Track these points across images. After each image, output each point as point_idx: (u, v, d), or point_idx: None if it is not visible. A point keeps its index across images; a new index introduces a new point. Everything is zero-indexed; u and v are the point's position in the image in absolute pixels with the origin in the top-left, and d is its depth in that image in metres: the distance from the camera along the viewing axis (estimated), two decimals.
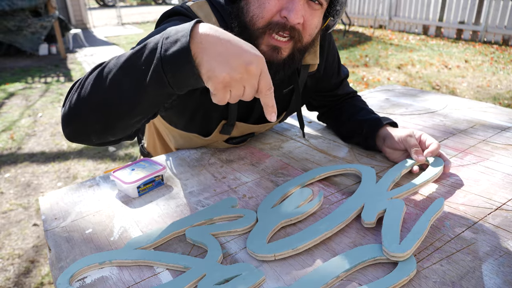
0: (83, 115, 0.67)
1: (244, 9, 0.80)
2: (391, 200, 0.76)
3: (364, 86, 4.68)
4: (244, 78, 0.58)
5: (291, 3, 0.76)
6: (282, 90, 0.98)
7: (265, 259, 0.65)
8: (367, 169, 0.89)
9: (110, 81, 0.63)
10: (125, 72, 0.62)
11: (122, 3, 20.62)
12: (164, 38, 0.59)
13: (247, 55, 0.58)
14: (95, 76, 0.65)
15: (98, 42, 9.01)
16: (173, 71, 0.58)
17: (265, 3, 0.77)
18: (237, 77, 0.57)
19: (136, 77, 0.61)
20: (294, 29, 0.78)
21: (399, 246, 0.62)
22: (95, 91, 0.64)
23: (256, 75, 0.59)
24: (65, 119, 0.69)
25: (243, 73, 0.57)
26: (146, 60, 0.59)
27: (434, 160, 0.90)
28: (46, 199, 0.89)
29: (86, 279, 0.63)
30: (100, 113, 0.65)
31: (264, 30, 0.78)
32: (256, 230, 0.71)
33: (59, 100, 4.72)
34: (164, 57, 0.57)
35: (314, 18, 0.80)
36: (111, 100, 0.64)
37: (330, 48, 1.05)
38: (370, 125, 1.00)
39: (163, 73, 0.58)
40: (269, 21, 0.77)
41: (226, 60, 0.56)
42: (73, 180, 2.80)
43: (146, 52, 0.60)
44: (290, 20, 0.76)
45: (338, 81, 1.12)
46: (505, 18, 6.68)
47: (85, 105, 0.66)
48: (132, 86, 0.62)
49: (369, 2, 9.01)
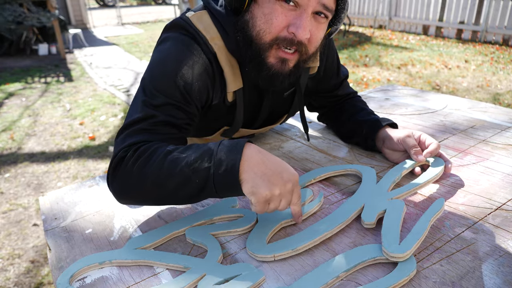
0: (136, 198, 0.75)
1: (249, 23, 0.79)
2: (391, 200, 0.76)
3: (364, 86, 4.68)
4: (282, 194, 0.66)
5: (299, 19, 0.75)
6: (283, 93, 0.98)
7: (265, 259, 0.65)
8: (367, 169, 0.89)
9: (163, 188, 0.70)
10: (179, 185, 0.69)
11: (122, 3, 20.61)
12: (215, 165, 0.66)
13: (286, 175, 0.67)
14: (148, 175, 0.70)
15: (98, 42, 9.01)
16: (224, 192, 0.68)
17: (272, 19, 0.76)
18: (276, 193, 0.66)
19: (190, 191, 0.69)
20: (301, 44, 0.78)
21: (398, 247, 0.62)
22: (150, 188, 0.71)
23: (291, 191, 0.68)
24: (118, 196, 0.76)
25: (282, 190, 0.66)
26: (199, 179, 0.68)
27: (434, 161, 0.90)
28: (46, 199, 0.89)
29: (86, 279, 0.63)
30: (152, 201, 0.75)
31: (271, 44, 0.78)
32: (256, 230, 0.71)
33: (59, 100, 4.72)
34: (217, 183, 0.67)
35: (319, 31, 0.80)
36: (164, 200, 0.73)
37: (330, 49, 1.04)
38: (369, 126, 1.00)
39: (215, 192, 0.68)
40: (276, 36, 0.77)
41: (269, 179, 0.65)
42: (73, 180, 2.80)
43: (199, 175, 0.67)
44: (298, 37, 0.75)
45: (338, 81, 1.11)
46: (505, 18, 6.68)
47: (140, 195, 0.73)
48: (185, 196, 0.71)
49: (369, 2, 9.01)
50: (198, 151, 0.69)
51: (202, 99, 0.83)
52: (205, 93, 0.83)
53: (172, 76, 0.78)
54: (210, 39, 0.82)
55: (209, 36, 0.82)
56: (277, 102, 1.00)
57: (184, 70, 0.79)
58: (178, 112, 0.79)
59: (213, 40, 0.82)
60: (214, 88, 0.85)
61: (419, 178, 0.85)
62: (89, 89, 5.20)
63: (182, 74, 0.79)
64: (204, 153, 0.68)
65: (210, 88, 0.84)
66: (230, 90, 0.86)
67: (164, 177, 0.69)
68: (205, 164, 0.67)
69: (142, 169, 0.71)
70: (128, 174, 0.72)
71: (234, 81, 0.86)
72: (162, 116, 0.77)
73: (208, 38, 0.82)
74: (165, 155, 0.70)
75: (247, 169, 0.65)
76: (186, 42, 0.81)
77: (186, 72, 0.79)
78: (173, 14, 13.77)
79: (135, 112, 0.78)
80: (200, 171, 0.67)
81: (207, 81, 0.83)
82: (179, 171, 0.68)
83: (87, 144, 3.40)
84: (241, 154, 0.66)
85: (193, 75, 0.80)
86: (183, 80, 0.79)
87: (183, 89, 0.79)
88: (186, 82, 0.79)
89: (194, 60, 0.80)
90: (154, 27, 11.22)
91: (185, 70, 0.79)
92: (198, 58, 0.81)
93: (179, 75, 0.78)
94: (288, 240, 0.67)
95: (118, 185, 0.74)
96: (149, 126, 0.76)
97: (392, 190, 0.82)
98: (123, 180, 0.73)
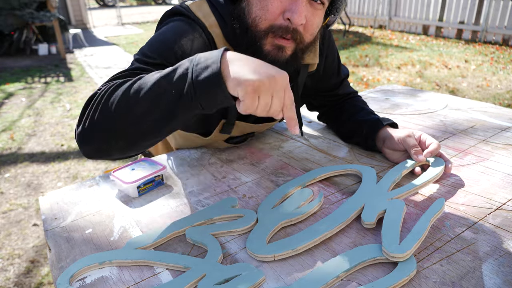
0: (106, 136, 0.66)
1: (245, 10, 0.80)
2: (392, 200, 0.76)
3: (364, 86, 4.68)
4: (272, 86, 0.59)
5: (294, 4, 0.75)
6: None
7: (265, 259, 0.65)
8: (368, 169, 0.89)
9: (136, 106, 0.63)
10: (154, 98, 0.62)
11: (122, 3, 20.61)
12: (194, 65, 0.60)
13: (273, 69, 0.61)
14: (118, 98, 0.64)
15: (98, 42, 9.01)
16: (205, 94, 0.60)
17: (268, 5, 0.76)
18: (266, 82, 0.59)
19: (166, 103, 0.62)
20: (296, 31, 0.78)
21: (398, 247, 0.62)
22: (119, 114, 0.64)
23: (282, 86, 0.61)
24: (84, 139, 0.68)
25: (271, 81, 0.59)
26: (176, 86, 0.61)
27: (435, 161, 0.90)
28: (46, 199, 0.89)
29: (86, 279, 0.63)
30: (124, 135, 0.66)
31: (267, 32, 0.78)
32: (256, 230, 0.71)
33: (59, 100, 4.72)
34: (196, 82, 0.59)
35: (315, 18, 0.80)
36: (138, 125, 0.64)
37: (330, 47, 1.04)
38: (370, 126, 1.00)
39: (195, 97, 0.60)
40: (272, 24, 0.77)
41: (254, 69, 0.59)
42: (73, 180, 2.80)
43: (176, 78, 0.61)
44: (293, 22, 0.75)
45: (338, 81, 1.11)
46: (505, 18, 6.68)
47: (109, 126, 0.65)
48: (162, 111, 0.63)
49: (369, 2, 9.01)
50: (174, 67, 0.63)
51: None
52: None
53: (171, 43, 0.78)
54: (209, 27, 0.83)
55: (208, 24, 0.83)
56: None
57: (184, 42, 0.79)
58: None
59: (212, 27, 0.83)
60: None
61: (420, 178, 0.85)
62: (89, 89, 5.20)
63: (181, 44, 0.79)
64: (182, 64, 0.63)
65: None
66: None
67: (134, 97, 0.63)
68: (181, 70, 0.61)
69: (110, 97, 0.65)
70: (95, 109, 0.66)
71: None
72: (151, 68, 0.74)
73: (207, 25, 0.83)
74: (137, 79, 0.65)
75: (231, 63, 0.60)
76: (187, 24, 0.82)
77: (185, 43, 0.79)
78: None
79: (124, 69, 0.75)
80: (176, 78, 0.61)
81: None
82: (152, 85, 0.62)
83: None
84: (222, 52, 0.60)
85: (192, 47, 0.80)
86: (181, 49, 0.78)
87: (180, 57, 0.77)
88: (184, 52, 0.79)
89: (195, 36, 0.81)
90: (154, 27, 11.18)
91: (185, 42, 0.79)
92: (199, 36, 0.82)
93: (178, 44, 0.78)
94: (288, 240, 0.67)
95: (84, 126, 0.67)
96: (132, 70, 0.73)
97: (392, 190, 0.82)
98: (90, 119, 0.66)
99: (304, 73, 0.98)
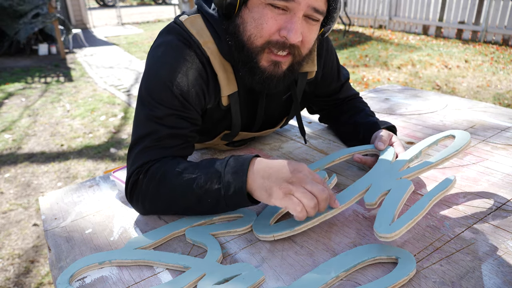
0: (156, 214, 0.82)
1: (240, 28, 0.78)
2: (399, 180, 0.74)
3: (364, 86, 4.68)
4: (300, 178, 0.66)
5: (290, 23, 0.74)
6: (281, 96, 0.98)
7: (265, 239, 0.68)
8: (386, 149, 0.88)
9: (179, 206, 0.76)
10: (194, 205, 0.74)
11: (122, 3, 20.61)
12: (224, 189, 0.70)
13: (291, 164, 0.68)
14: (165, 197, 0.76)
15: (98, 42, 9.01)
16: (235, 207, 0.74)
17: (263, 24, 0.75)
18: (290, 180, 0.66)
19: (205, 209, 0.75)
20: (294, 47, 0.77)
21: (388, 227, 0.61)
22: (166, 208, 0.78)
23: (306, 174, 0.67)
24: (141, 213, 0.82)
25: (296, 176, 0.66)
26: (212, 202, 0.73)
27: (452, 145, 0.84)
28: (46, 199, 0.89)
29: (86, 279, 0.63)
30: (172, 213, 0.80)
31: (263, 48, 0.77)
32: (263, 213, 0.74)
33: (59, 100, 4.72)
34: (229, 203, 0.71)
35: (312, 33, 0.79)
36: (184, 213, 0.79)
37: (328, 54, 1.03)
38: (366, 129, 1.00)
39: (227, 208, 0.74)
40: (267, 40, 0.76)
41: (275, 175, 0.67)
42: (73, 180, 2.80)
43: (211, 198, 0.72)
44: (290, 40, 0.75)
45: (338, 85, 1.10)
46: (505, 18, 6.68)
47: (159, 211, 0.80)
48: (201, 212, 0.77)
49: (369, 2, 9.01)
50: (206, 173, 0.72)
51: (201, 102, 0.84)
52: (202, 97, 0.84)
53: (168, 86, 0.79)
54: (203, 43, 0.82)
55: (202, 40, 0.82)
56: (275, 105, 0.99)
57: (179, 79, 0.80)
58: (181, 121, 0.80)
59: (206, 44, 0.82)
60: (208, 92, 0.85)
61: (432, 158, 0.82)
62: (89, 89, 5.20)
63: (177, 83, 0.79)
64: (213, 176, 0.71)
65: (205, 92, 0.84)
66: (224, 94, 0.86)
67: (178, 199, 0.75)
68: (215, 186, 0.71)
69: (156, 192, 0.76)
70: (144, 196, 0.77)
71: (228, 85, 0.86)
72: (166, 129, 0.79)
73: (201, 42, 0.81)
74: (176, 177, 0.74)
75: (255, 180, 0.69)
76: (179, 48, 0.81)
77: (181, 80, 0.80)
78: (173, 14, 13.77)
79: (140, 128, 0.80)
80: (211, 192, 0.71)
81: (202, 85, 0.83)
82: (191, 193, 0.73)
83: (87, 144, 3.40)
84: (246, 176, 0.69)
85: (188, 81, 0.80)
86: (179, 89, 0.79)
87: (181, 97, 0.80)
88: (182, 90, 0.80)
89: (188, 67, 0.81)
90: (154, 27, 11.21)
91: (180, 79, 0.80)
92: (191, 64, 0.81)
93: (174, 84, 0.79)
94: (288, 221, 0.69)
95: (137, 206, 0.80)
96: (155, 142, 0.79)
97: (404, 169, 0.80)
98: (141, 202, 0.78)
99: (303, 81, 0.97)
